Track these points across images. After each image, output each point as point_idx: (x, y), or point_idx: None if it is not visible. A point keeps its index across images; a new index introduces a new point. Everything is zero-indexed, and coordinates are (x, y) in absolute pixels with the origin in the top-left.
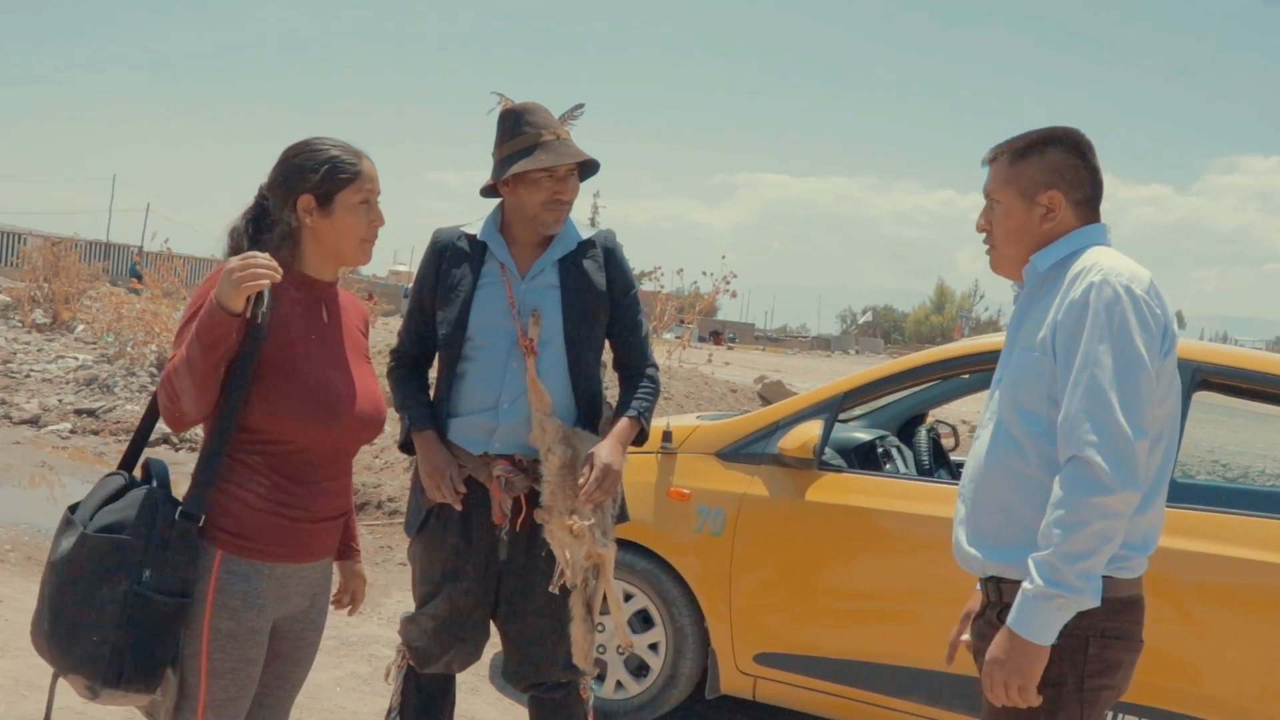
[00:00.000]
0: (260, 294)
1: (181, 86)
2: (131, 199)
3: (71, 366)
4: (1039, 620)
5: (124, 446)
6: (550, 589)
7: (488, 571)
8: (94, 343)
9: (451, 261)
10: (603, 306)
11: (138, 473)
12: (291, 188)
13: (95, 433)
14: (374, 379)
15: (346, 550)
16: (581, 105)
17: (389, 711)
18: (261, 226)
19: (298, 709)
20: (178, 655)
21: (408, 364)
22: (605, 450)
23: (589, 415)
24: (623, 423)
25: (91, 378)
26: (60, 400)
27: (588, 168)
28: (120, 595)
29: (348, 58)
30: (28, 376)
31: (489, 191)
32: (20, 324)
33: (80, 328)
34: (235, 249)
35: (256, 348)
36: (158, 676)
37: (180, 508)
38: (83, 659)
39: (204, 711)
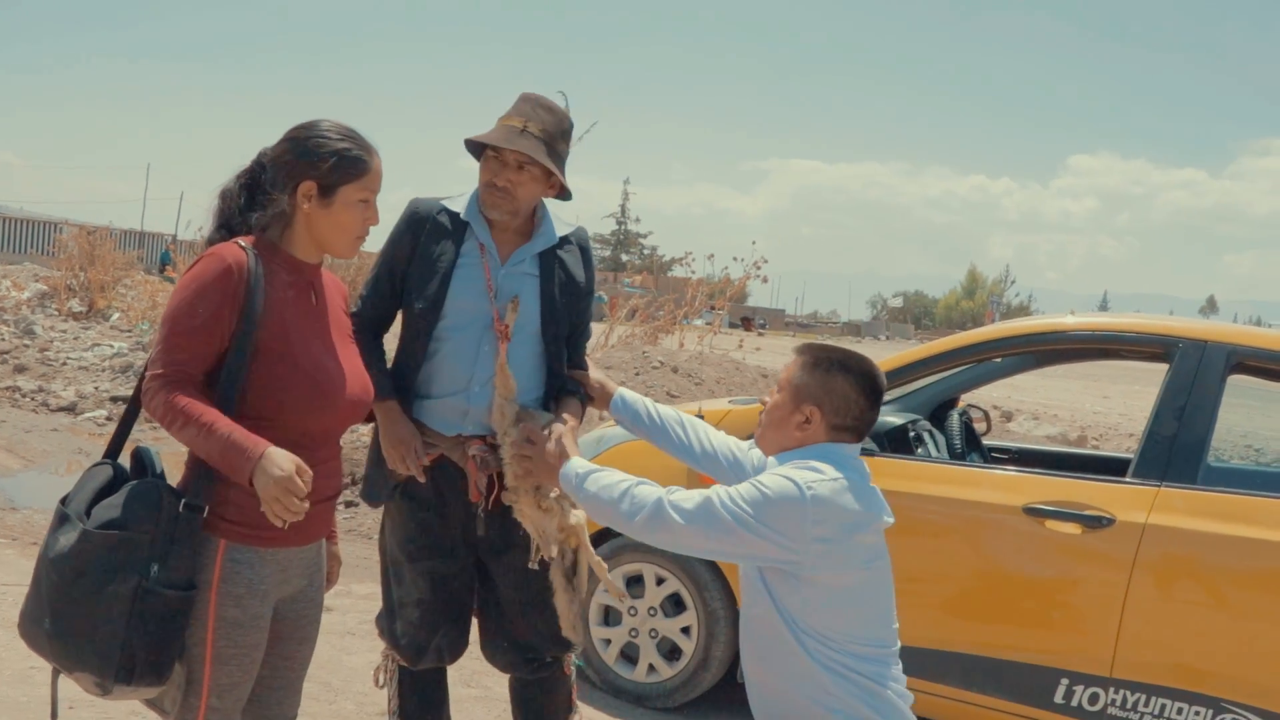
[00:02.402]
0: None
1: (214, 74)
2: (165, 187)
3: (107, 354)
4: None
5: (159, 433)
6: (530, 565)
7: (465, 548)
8: (129, 330)
9: (431, 236)
10: (575, 299)
11: (126, 461)
12: (296, 170)
13: None
14: (359, 359)
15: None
16: (594, 123)
17: (389, 715)
18: (255, 193)
19: (331, 691)
20: (184, 645)
21: (367, 331)
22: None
23: (549, 401)
24: (569, 403)
25: (127, 365)
26: (96, 388)
27: (565, 191)
28: (128, 592)
29: (379, 44)
30: (64, 364)
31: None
32: (57, 312)
33: (116, 315)
34: (226, 212)
35: (252, 335)
36: (169, 670)
37: (184, 500)
38: (91, 658)
39: (208, 696)
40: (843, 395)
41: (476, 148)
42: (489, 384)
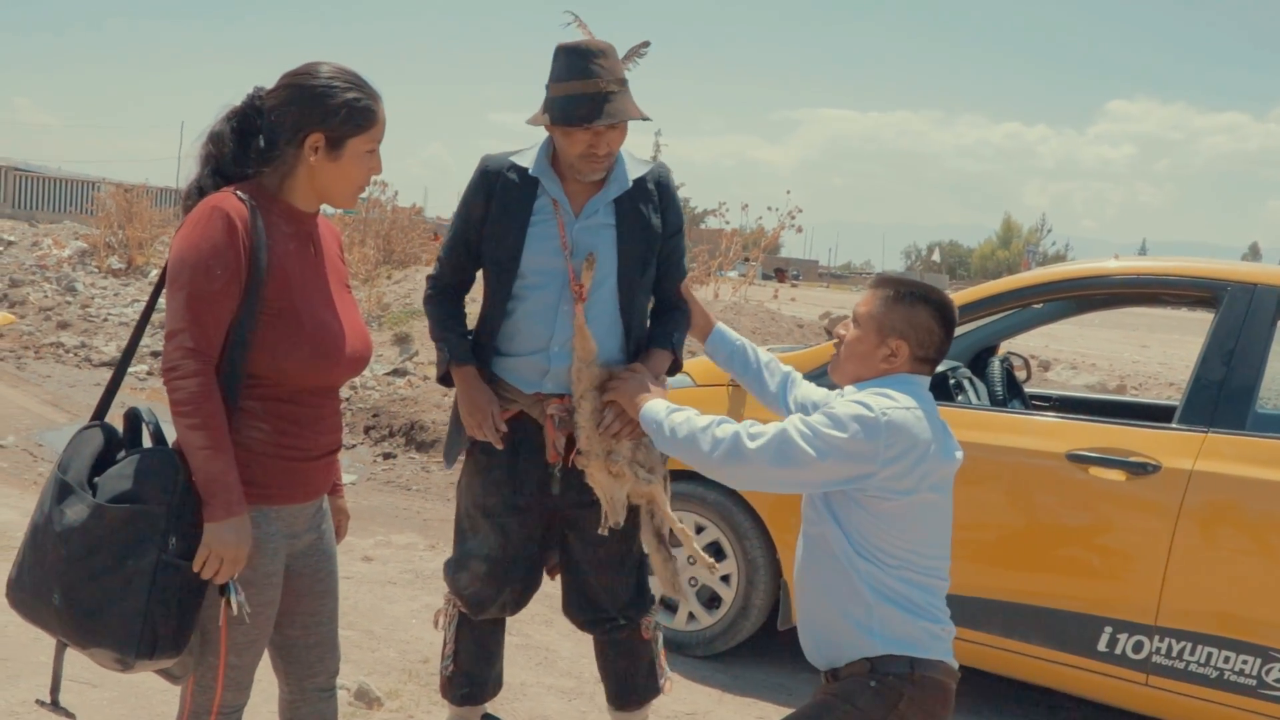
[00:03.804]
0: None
1: (243, 31)
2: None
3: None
4: None
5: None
6: (600, 531)
7: (540, 507)
8: None
9: (502, 194)
10: (655, 247)
11: (118, 423)
12: (302, 121)
13: None
14: (357, 310)
15: (331, 487)
16: (647, 43)
17: (443, 658)
18: (246, 136)
19: (374, 639)
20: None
21: (449, 295)
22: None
23: (637, 356)
24: (655, 354)
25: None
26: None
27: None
28: (148, 566)
29: None
30: (105, 320)
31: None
32: (97, 269)
33: (154, 272)
34: (215, 158)
35: (259, 292)
36: (188, 639)
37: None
38: (111, 634)
39: (226, 655)
40: (926, 328)
41: (563, 118)
42: (569, 344)
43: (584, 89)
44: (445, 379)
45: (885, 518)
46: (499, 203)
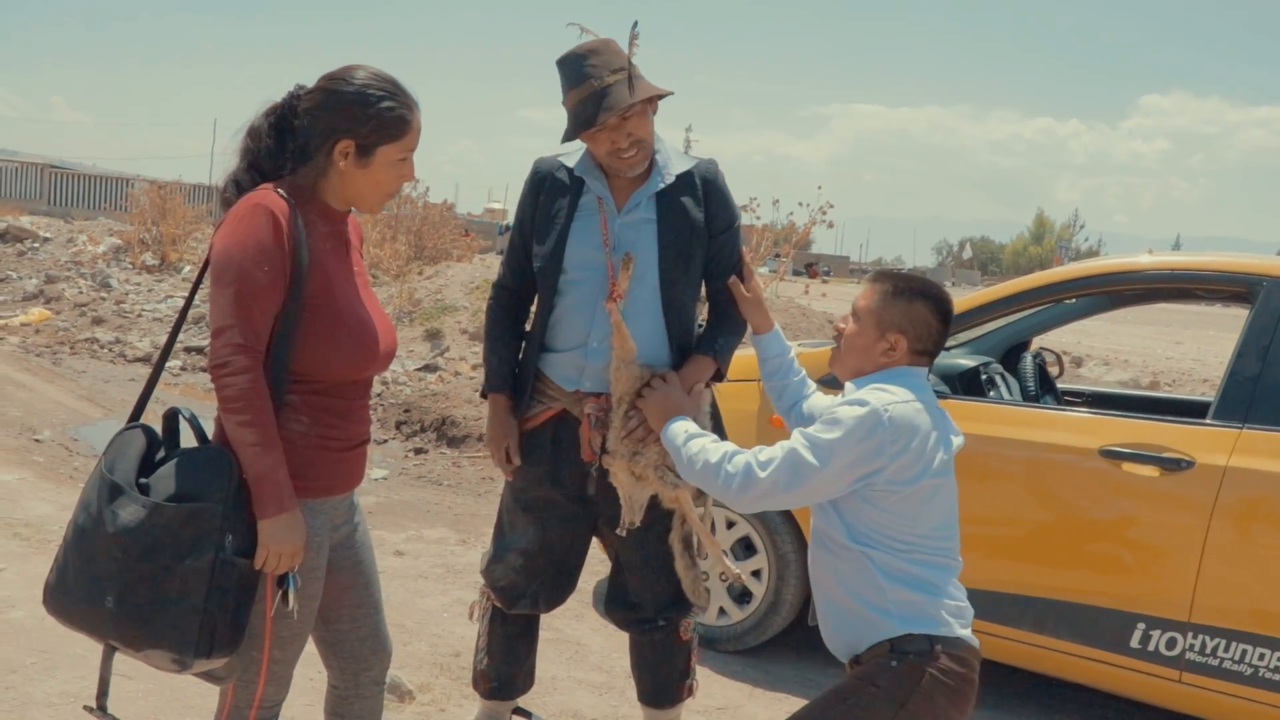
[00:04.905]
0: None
1: (276, 27)
2: (231, 142)
3: (180, 306)
4: None
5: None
6: (618, 531)
7: (581, 506)
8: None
9: (550, 193)
10: (699, 243)
11: (154, 422)
12: (333, 126)
13: (204, 369)
14: (380, 305)
15: None
16: (635, 23)
17: (476, 651)
18: (284, 133)
19: (405, 633)
20: None
21: (506, 302)
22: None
23: (681, 356)
24: (696, 360)
25: (200, 316)
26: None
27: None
28: (206, 565)
29: None
30: (139, 316)
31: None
32: (131, 265)
33: (187, 268)
34: (253, 151)
35: (301, 288)
36: (243, 637)
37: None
38: (169, 634)
39: (270, 649)
40: (924, 322)
41: (575, 128)
42: (607, 341)
43: (583, 93)
44: (485, 395)
45: (892, 510)
46: (546, 200)
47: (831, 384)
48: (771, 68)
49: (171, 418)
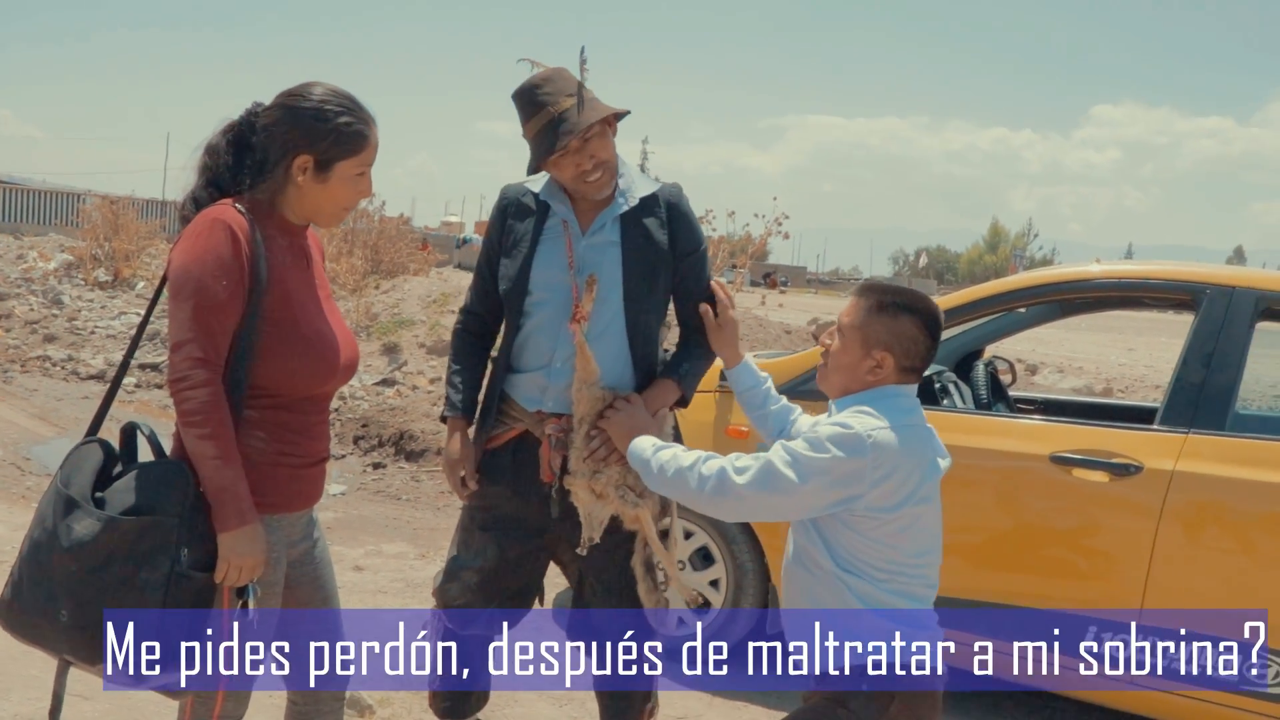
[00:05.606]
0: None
1: (228, 42)
2: (185, 156)
3: (134, 322)
4: None
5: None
6: (578, 550)
7: (539, 528)
8: None
9: (515, 217)
10: (664, 265)
11: (111, 437)
12: (291, 142)
13: (159, 386)
14: (342, 318)
15: None
16: (583, 48)
17: (430, 671)
18: (243, 150)
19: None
20: None
21: (473, 327)
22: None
23: (645, 379)
24: (660, 384)
25: (154, 333)
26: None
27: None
28: (161, 579)
29: (396, 7)
30: (93, 333)
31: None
32: (83, 282)
33: (141, 284)
34: (211, 169)
35: (260, 303)
36: None
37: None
38: None
39: None
40: (911, 338)
41: (537, 157)
42: (570, 361)
43: (540, 121)
44: (444, 418)
45: (873, 537)
46: (511, 225)
47: (792, 393)
48: (729, 80)
49: (130, 432)
